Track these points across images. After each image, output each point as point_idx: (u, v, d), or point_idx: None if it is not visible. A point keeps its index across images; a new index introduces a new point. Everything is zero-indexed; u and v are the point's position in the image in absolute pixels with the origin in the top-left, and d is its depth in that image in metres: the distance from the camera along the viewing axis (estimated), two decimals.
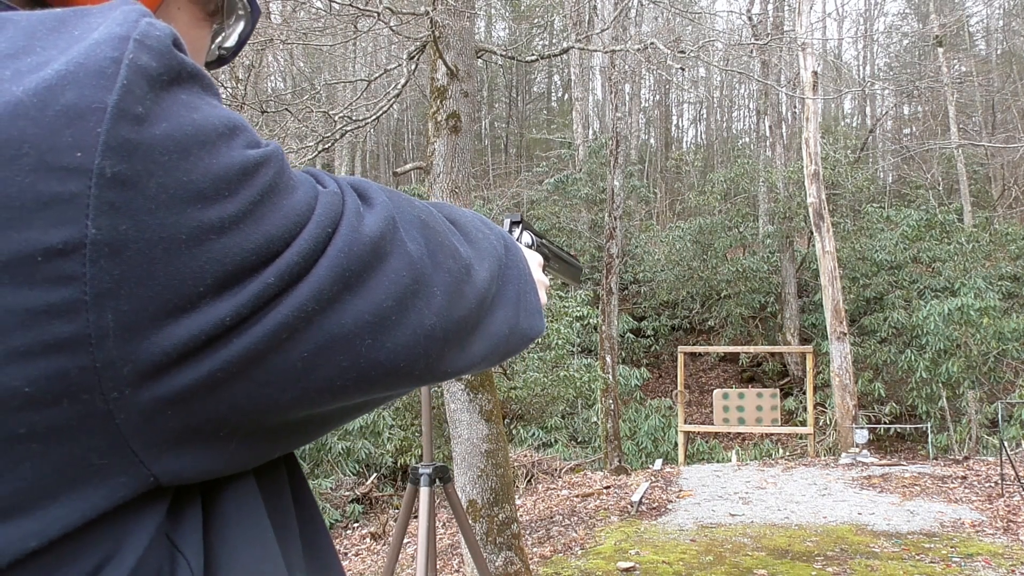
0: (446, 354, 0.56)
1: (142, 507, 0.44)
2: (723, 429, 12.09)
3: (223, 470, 0.47)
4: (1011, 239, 16.18)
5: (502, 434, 4.46)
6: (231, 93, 6.30)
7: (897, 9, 31.74)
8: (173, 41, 0.44)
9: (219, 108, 0.46)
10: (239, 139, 0.45)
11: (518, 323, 0.66)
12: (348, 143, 19.26)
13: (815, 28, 18.01)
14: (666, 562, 5.22)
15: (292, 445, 0.53)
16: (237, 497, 0.50)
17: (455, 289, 0.56)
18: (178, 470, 0.44)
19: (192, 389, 0.43)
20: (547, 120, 30.93)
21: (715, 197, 18.92)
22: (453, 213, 0.64)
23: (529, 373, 11.97)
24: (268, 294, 0.44)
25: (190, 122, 0.43)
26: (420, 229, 0.55)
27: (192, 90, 0.44)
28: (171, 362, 0.42)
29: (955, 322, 12.19)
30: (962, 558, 5.10)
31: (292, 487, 0.58)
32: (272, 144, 0.48)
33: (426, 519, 2.65)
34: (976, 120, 22.43)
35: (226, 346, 0.43)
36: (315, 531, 0.60)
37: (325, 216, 0.48)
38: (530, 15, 28.89)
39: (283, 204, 0.46)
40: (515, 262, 0.68)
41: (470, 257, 0.60)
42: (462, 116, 4.57)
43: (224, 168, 0.43)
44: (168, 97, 0.42)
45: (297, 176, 0.49)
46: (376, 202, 0.53)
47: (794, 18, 13.63)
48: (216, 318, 0.42)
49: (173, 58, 0.43)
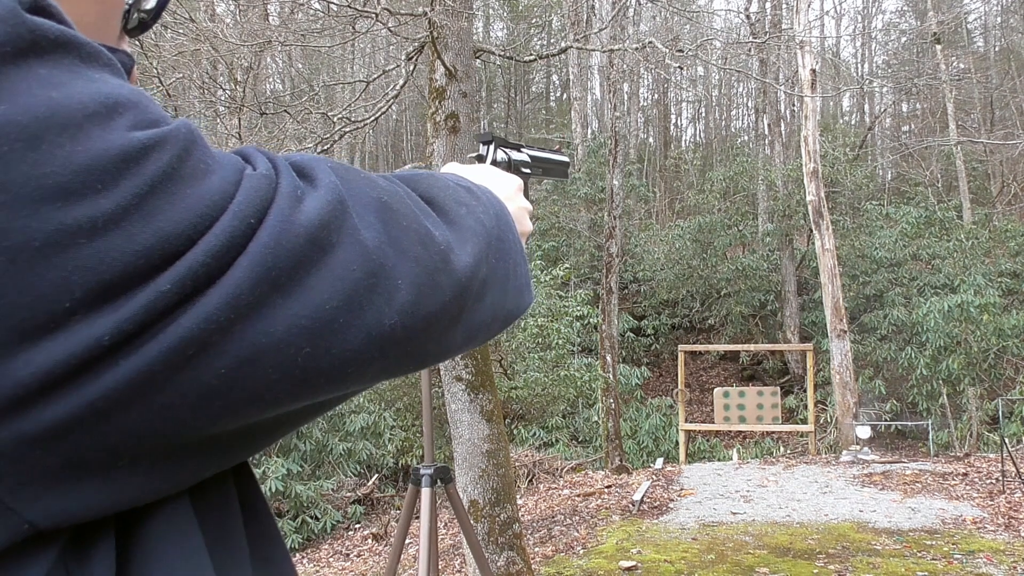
0: (412, 352, 0.48)
1: (23, 555, 0.37)
2: (724, 428, 12.09)
3: (133, 501, 0.40)
4: (1010, 235, 16.18)
5: (503, 434, 4.46)
6: (229, 95, 6.31)
7: (895, 6, 31.75)
8: (29, 5, 0.37)
9: (100, 82, 0.38)
10: (121, 119, 0.37)
11: (504, 305, 0.58)
12: (347, 144, 19.26)
13: (813, 26, 18.02)
14: (668, 561, 5.22)
15: (231, 460, 0.45)
16: (163, 521, 0.43)
17: (426, 281, 0.47)
18: (63, 512, 0.37)
19: (67, 424, 0.36)
20: (546, 120, 30.92)
21: (714, 196, 18.93)
22: (431, 188, 0.55)
23: (530, 373, 11.97)
24: (164, 304, 0.37)
25: (45, 102, 0.35)
26: (379, 212, 0.46)
27: (58, 63, 0.37)
28: (31, 395, 0.35)
29: (955, 319, 12.19)
30: (963, 555, 5.10)
31: (243, 500, 0.50)
32: (177, 122, 0.40)
33: (427, 520, 2.65)
34: (975, 117, 22.42)
35: (109, 370, 0.36)
36: (269, 547, 0.53)
37: (248, 204, 0.40)
38: (528, 15, 28.90)
39: (186, 194, 0.38)
40: (506, 231, 0.59)
41: (448, 241, 0.51)
42: (461, 116, 4.57)
43: (95, 156, 0.36)
44: (12, 73, 0.35)
45: (216, 158, 0.41)
46: (321, 183, 0.44)
47: (792, 16, 13.63)
48: (90, 338, 0.35)
49: (21, 25, 0.36)
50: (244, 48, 5.68)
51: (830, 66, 23.88)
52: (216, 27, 5.72)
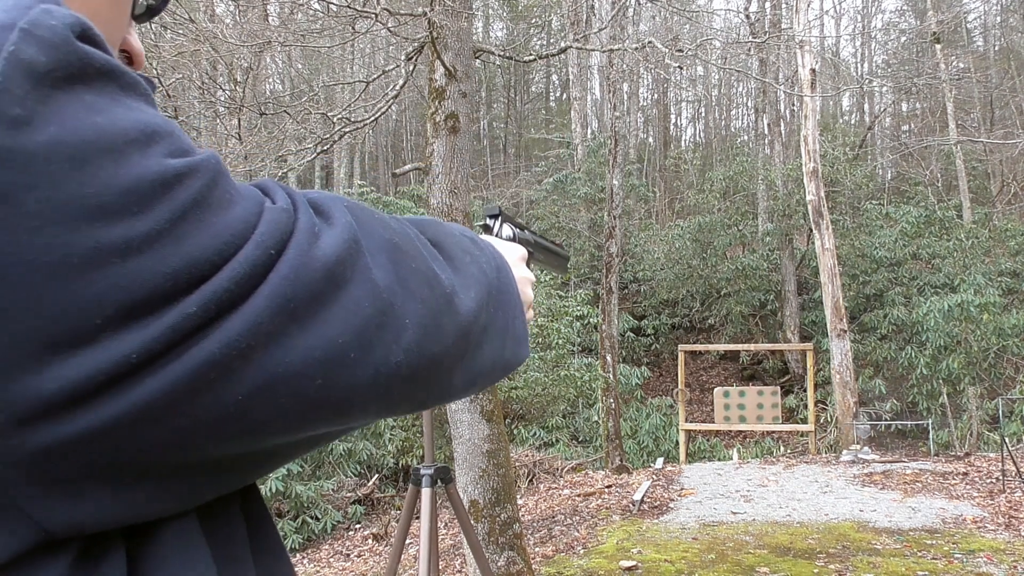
0: (413, 393, 0.50)
1: (36, 562, 0.38)
2: (724, 427, 12.09)
3: (141, 516, 0.41)
4: (1010, 235, 16.18)
5: (503, 434, 4.46)
6: (229, 96, 6.31)
7: (895, 6, 31.74)
8: (79, 32, 0.38)
9: (138, 111, 0.40)
10: (158, 147, 0.39)
11: (503, 354, 0.60)
12: (347, 145, 19.27)
13: (813, 26, 18.01)
14: (668, 560, 5.22)
15: (234, 484, 0.47)
16: (172, 536, 0.44)
17: (431, 322, 0.49)
18: (75, 522, 0.38)
19: (90, 436, 0.37)
20: (545, 120, 30.93)
21: (714, 195, 18.93)
22: (438, 233, 0.58)
23: (530, 373, 11.97)
24: (189, 326, 0.38)
25: (91, 126, 0.37)
26: (390, 253, 0.48)
27: (102, 90, 0.39)
28: (58, 407, 0.36)
29: (955, 318, 12.19)
30: (964, 554, 5.10)
31: (248, 517, 0.52)
32: (205, 152, 0.42)
33: (428, 520, 2.65)
34: (974, 116, 22.42)
35: (135, 387, 0.37)
36: (273, 561, 0.54)
37: (269, 236, 0.42)
38: (528, 15, 28.91)
39: (213, 222, 0.40)
40: (506, 285, 0.62)
41: (453, 285, 0.53)
42: (460, 116, 4.57)
43: (134, 180, 0.37)
44: (62, 97, 0.37)
45: (239, 190, 0.43)
46: (337, 221, 0.46)
47: (792, 16, 13.63)
48: (119, 355, 0.36)
49: (72, 52, 0.37)
50: (244, 48, 5.69)
51: (830, 66, 23.89)
52: (216, 27, 5.72)
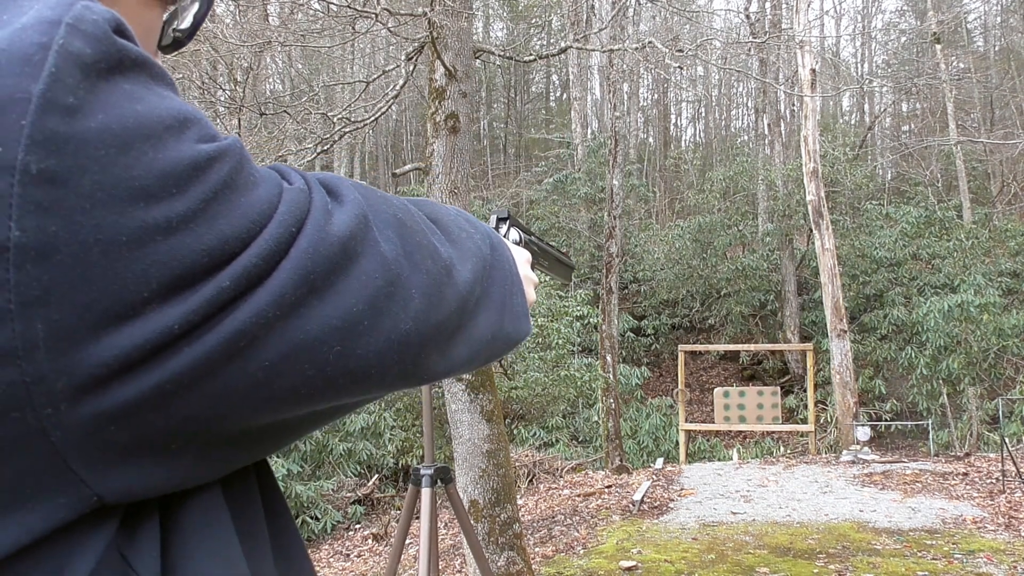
0: (423, 360, 0.53)
1: (88, 526, 0.40)
2: (724, 427, 12.09)
3: (180, 484, 0.44)
4: (1010, 235, 16.18)
5: (503, 434, 4.46)
6: (229, 96, 6.31)
7: (895, 6, 31.71)
8: (115, 27, 0.41)
9: (168, 99, 0.42)
10: (190, 132, 0.42)
11: (502, 326, 0.64)
12: (347, 144, 19.26)
13: (813, 26, 18.01)
14: (668, 561, 5.22)
15: (260, 453, 0.50)
16: (200, 509, 0.47)
17: (434, 292, 0.52)
18: (125, 488, 0.41)
19: (138, 403, 0.39)
20: (546, 120, 30.93)
21: (714, 195, 18.92)
22: (435, 211, 0.61)
23: (530, 373, 11.97)
24: (223, 299, 0.41)
25: (132, 114, 0.40)
26: (396, 228, 0.52)
27: (137, 79, 0.41)
28: (112, 375, 0.38)
29: (955, 319, 12.19)
30: (964, 554, 5.10)
31: (263, 494, 0.54)
32: (230, 138, 0.45)
33: (428, 520, 2.65)
34: (975, 117, 22.41)
35: (175, 356, 0.40)
36: (288, 539, 0.57)
37: (289, 215, 0.45)
38: (528, 15, 28.92)
39: (241, 202, 0.43)
40: (501, 262, 0.65)
41: (451, 258, 0.57)
42: (460, 116, 4.57)
43: (172, 163, 0.40)
44: (106, 87, 0.39)
45: (259, 172, 0.46)
46: (347, 199, 0.49)
47: (792, 16, 13.63)
48: (163, 326, 0.39)
49: (112, 45, 0.40)
50: (244, 48, 5.69)
51: (830, 66, 23.89)
52: (216, 27, 5.72)
